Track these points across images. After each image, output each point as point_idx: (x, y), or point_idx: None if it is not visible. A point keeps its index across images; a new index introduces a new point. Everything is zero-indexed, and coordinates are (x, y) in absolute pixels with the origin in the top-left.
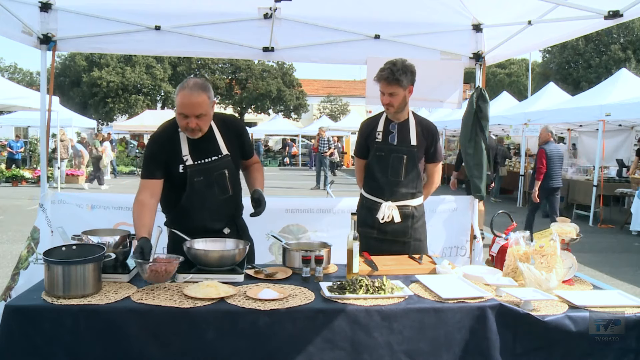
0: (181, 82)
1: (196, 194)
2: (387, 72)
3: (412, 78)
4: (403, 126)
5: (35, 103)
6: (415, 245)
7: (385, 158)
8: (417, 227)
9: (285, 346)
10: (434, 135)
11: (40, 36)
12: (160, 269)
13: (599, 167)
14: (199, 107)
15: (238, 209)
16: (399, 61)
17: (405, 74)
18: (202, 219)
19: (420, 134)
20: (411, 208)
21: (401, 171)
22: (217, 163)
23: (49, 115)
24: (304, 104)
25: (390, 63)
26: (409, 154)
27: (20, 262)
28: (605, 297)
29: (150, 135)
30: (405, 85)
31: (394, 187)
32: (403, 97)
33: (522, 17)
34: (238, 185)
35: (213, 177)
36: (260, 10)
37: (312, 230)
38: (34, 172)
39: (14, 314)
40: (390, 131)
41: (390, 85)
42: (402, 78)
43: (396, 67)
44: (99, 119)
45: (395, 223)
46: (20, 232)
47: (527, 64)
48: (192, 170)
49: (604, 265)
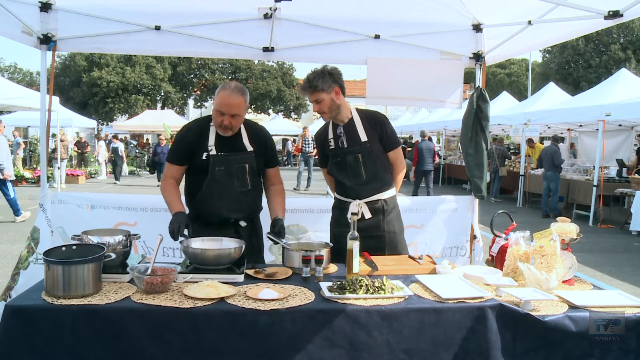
0: (222, 84)
1: (216, 183)
2: (305, 83)
3: (333, 79)
4: (349, 126)
5: (35, 103)
6: (390, 237)
7: (342, 162)
8: (390, 219)
9: (285, 346)
10: (382, 124)
11: (40, 36)
12: (156, 281)
13: (599, 167)
14: (236, 107)
15: (257, 206)
16: (317, 69)
17: (323, 78)
18: (219, 207)
19: (368, 128)
20: (381, 202)
21: (361, 170)
22: (239, 157)
23: (49, 115)
24: (304, 104)
25: (309, 73)
26: (363, 152)
27: (20, 262)
28: (605, 297)
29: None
30: (326, 89)
31: (359, 186)
32: (330, 100)
33: (522, 17)
34: (259, 183)
35: (233, 168)
36: (260, 10)
37: (312, 230)
38: (34, 172)
39: (14, 314)
40: (339, 135)
41: (311, 94)
42: (319, 84)
43: (313, 74)
44: (99, 119)
45: (367, 219)
46: (20, 232)
47: (527, 64)
48: (214, 160)
49: (604, 265)
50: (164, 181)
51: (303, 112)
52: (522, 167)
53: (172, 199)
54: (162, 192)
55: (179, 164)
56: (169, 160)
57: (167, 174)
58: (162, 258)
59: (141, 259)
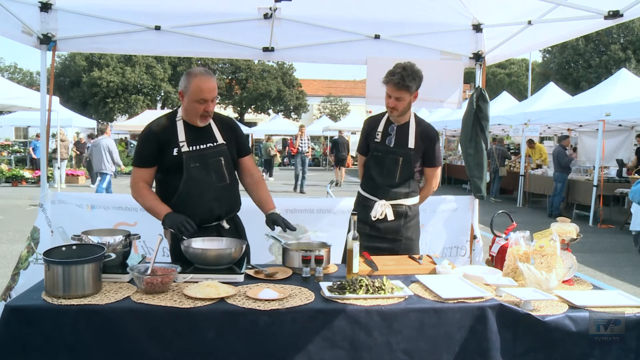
0: (188, 72)
1: (193, 181)
2: (398, 77)
3: (420, 83)
4: (402, 129)
5: (35, 103)
6: (407, 243)
7: (382, 159)
8: (410, 226)
9: (285, 346)
10: (432, 140)
11: (40, 36)
12: (156, 281)
13: (599, 167)
14: (215, 90)
15: (237, 201)
16: (408, 66)
17: (415, 80)
18: (201, 205)
19: (418, 138)
20: (405, 207)
21: (396, 173)
22: (213, 150)
23: (49, 115)
24: (304, 104)
25: (400, 67)
26: (405, 157)
27: (20, 262)
28: (605, 297)
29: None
30: (413, 91)
31: (389, 187)
32: (408, 102)
33: (522, 17)
34: (235, 176)
35: (209, 163)
36: (260, 10)
37: (312, 230)
38: (34, 172)
39: (14, 314)
40: (389, 133)
41: (399, 90)
42: (412, 84)
43: (406, 72)
44: (99, 119)
45: (389, 221)
46: (20, 232)
47: (527, 64)
48: (187, 157)
49: (604, 265)
50: (135, 186)
51: (303, 112)
52: (522, 167)
53: (154, 203)
54: (138, 199)
55: (149, 165)
56: (136, 164)
57: (136, 179)
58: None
59: (141, 259)
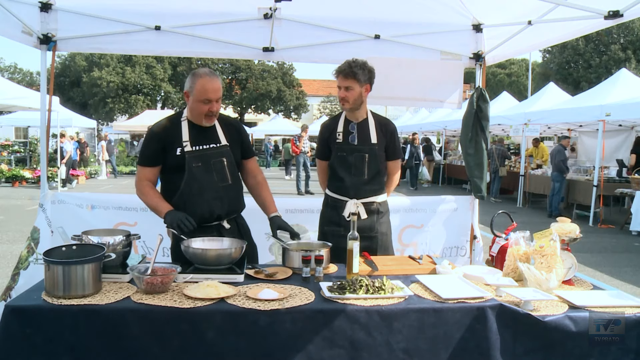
0: (193, 73)
1: (195, 180)
2: (345, 66)
3: (370, 77)
4: (362, 125)
5: (35, 103)
6: (382, 239)
7: (348, 158)
8: (383, 222)
9: (285, 346)
10: (392, 133)
11: (40, 36)
12: (156, 281)
13: (599, 167)
14: (220, 90)
15: (239, 202)
16: (358, 59)
17: (363, 70)
18: (201, 204)
19: (379, 132)
20: (376, 204)
21: (364, 169)
22: (215, 151)
23: (49, 115)
24: (304, 104)
25: (349, 59)
26: (371, 152)
27: (20, 262)
28: (605, 297)
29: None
30: (362, 80)
31: (359, 185)
32: (359, 94)
33: (522, 17)
34: (238, 177)
35: (211, 163)
36: (260, 10)
37: (312, 231)
38: (33, 172)
39: (14, 314)
40: (350, 131)
41: (346, 78)
42: (359, 72)
43: (355, 63)
44: (99, 119)
45: (362, 219)
46: (20, 232)
47: (527, 64)
48: (190, 157)
49: (604, 265)
50: (139, 185)
51: (303, 112)
52: (522, 167)
53: (157, 201)
54: (142, 197)
55: (152, 164)
56: (141, 163)
57: (141, 178)
58: (162, 258)
59: (141, 259)
